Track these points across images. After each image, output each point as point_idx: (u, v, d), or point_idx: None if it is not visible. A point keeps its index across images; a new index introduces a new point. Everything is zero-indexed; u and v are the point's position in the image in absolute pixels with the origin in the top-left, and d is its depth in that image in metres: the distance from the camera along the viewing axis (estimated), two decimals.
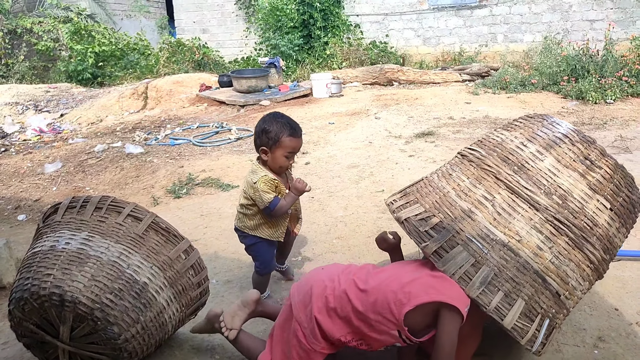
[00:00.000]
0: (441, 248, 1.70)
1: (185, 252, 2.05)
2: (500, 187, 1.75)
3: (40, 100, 8.75)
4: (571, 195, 1.70)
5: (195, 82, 8.72)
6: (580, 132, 1.85)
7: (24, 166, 5.48)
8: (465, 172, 1.86)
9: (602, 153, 1.80)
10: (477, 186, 1.78)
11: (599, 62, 7.30)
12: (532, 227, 1.68)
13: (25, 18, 11.61)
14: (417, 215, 1.81)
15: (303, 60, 10.79)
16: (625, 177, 1.80)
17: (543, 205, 1.69)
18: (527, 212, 1.70)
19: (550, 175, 1.73)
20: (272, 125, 2.29)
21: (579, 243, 1.68)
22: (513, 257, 1.66)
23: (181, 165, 4.99)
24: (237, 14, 12.13)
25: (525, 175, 1.74)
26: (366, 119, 6.41)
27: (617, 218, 1.76)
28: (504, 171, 1.76)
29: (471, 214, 1.72)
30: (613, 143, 5.00)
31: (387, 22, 11.09)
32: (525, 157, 1.78)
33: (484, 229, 1.69)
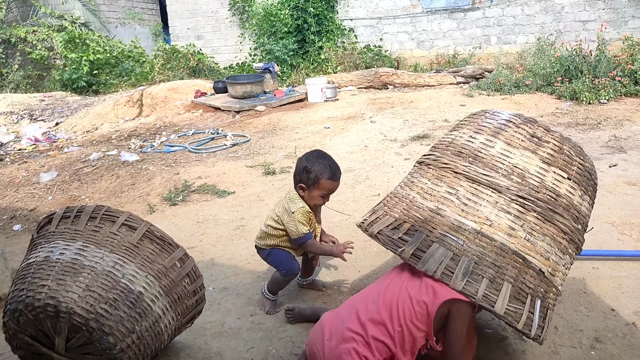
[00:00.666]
0: (418, 249, 1.72)
1: (181, 260, 2.05)
2: (461, 179, 1.80)
3: (35, 109, 8.73)
4: (528, 172, 1.76)
5: (190, 88, 8.73)
6: (522, 115, 1.91)
7: (19, 176, 5.46)
8: (425, 175, 1.92)
9: (546, 129, 1.86)
10: (439, 184, 1.84)
11: (592, 63, 7.34)
12: (500, 209, 1.72)
13: (19, 27, 11.60)
14: (388, 226, 1.85)
15: (298, 65, 10.81)
16: (574, 147, 1.85)
17: (504, 186, 1.74)
18: (491, 197, 1.74)
19: (504, 158, 1.79)
20: (314, 166, 2.33)
21: (548, 215, 1.72)
22: (489, 242, 1.68)
23: (177, 172, 4.99)
24: (232, 20, 12.16)
25: (481, 163, 1.80)
26: (361, 122, 6.42)
27: (577, 186, 1.81)
28: (460, 164, 1.82)
29: (439, 211, 1.76)
30: (607, 143, 5.02)
31: (381, 25, 11.13)
32: (477, 147, 1.84)
33: (454, 221, 1.73)
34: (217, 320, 2.46)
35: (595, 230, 3.12)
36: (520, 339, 2.11)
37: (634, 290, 2.46)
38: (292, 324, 2.36)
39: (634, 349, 2.03)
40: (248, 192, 4.37)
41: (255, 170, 4.88)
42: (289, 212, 2.37)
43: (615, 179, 4.01)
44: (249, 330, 2.36)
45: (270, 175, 4.71)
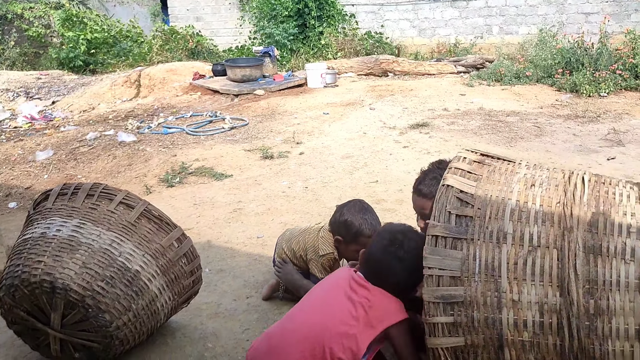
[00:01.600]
0: (444, 239, 1.55)
1: (178, 240, 2.04)
2: (556, 246, 1.51)
3: (31, 87, 8.64)
4: (610, 318, 1.45)
5: (188, 70, 8.64)
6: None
7: (14, 153, 5.42)
8: (545, 197, 1.59)
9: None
10: (538, 224, 1.55)
11: (594, 55, 7.30)
12: (538, 303, 1.51)
13: (15, 3, 11.42)
14: (461, 192, 1.60)
15: (298, 49, 10.72)
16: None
17: (571, 298, 1.48)
18: (550, 288, 1.52)
19: (614, 283, 1.47)
20: (356, 220, 2.24)
21: (567, 357, 1.54)
22: (494, 307, 1.51)
23: (174, 154, 4.96)
24: (232, 2, 12.00)
25: (592, 260, 1.50)
26: (361, 109, 6.39)
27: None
28: (577, 238, 1.49)
29: (503, 240, 1.53)
30: (606, 136, 5.02)
31: (383, 12, 11.02)
32: (611, 246, 1.51)
33: (497, 262, 1.51)
34: (213, 302, 2.46)
35: None
36: None
37: None
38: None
39: None
40: (245, 175, 4.35)
41: (253, 154, 4.86)
42: (317, 252, 2.34)
43: (613, 172, 4.02)
44: (244, 312, 2.37)
45: (268, 159, 4.69)
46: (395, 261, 1.71)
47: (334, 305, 1.71)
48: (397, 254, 1.71)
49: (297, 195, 3.85)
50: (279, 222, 3.37)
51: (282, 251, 2.48)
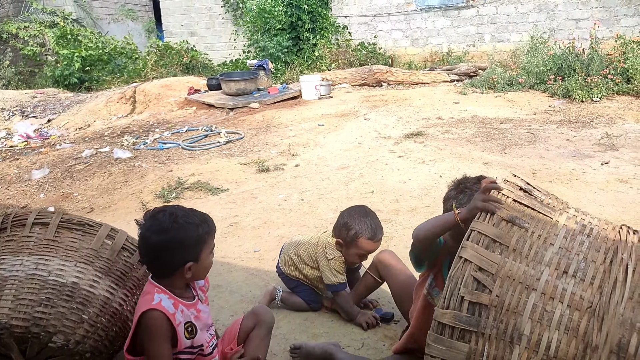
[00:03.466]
0: (452, 329, 1.37)
1: (109, 237, 2.01)
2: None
3: (26, 106, 8.66)
4: None
5: (183, 85, 8.68)
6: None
7: (10, 173, 5.41)
8: (576, 294, 1.36)
9: None
10: (559, 330, 1.34)
11: (585, 61, 7.37)
12: None
13: (10, 23, 11.48)
14: (479, 271, 1.39)
15: (292, 62, 10.78)
16: None
17: None
18: None
19: None
20: (355, 222, 2.26)
21: None
22: None
23: (170, 169, 4.96)
24: (225, 16, 12.10)
25: None
26: (355, 120, 6.41)
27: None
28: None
29: (517, 342, 1.34)
30: (599, 140, 5.05)
31: (375, 23, 11.12)
32: None
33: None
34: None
35: None
36: None
37: None
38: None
39: None
40: (241, 189, 4.36)
41: (249, 167, 4.87)
42: (326, 257, 2.33)
43: (607, 176, 4.04)
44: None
45: (264, 172, 4.70)
46: (154, 238, 1.65)
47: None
48: (155, 229, 1.66)
49: (293, 207, 3.86)
50: (275, 236, 3.37)
51: (288, 258, 2.47)
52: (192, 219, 1.70)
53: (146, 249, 1.69)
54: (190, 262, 1.67)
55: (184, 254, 1.67)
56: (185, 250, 1.67)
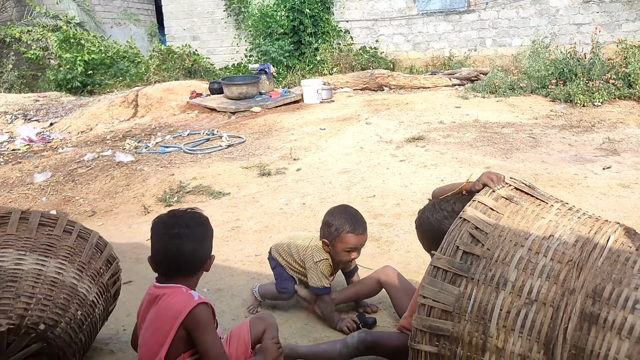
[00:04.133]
0: (445, 272, 1.52)
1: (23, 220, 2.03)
2: (552, 304, 1.46)
3: (29, 110, 8.68)
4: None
5: (185, 89, 8.71)
6: None
7: (13, 176, 5.43)
8: (559, 250, 1.52)
9: None
10: (542, 277, 1.49)
11: (587, 66, 7.37)
12: (523, 357, 1.47)
13: (13, 27, 11.53)
14: (475, 229, 1.56)
15: (294, 66, 10.81)
16: None
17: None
18: (536, 345, 1.47)
19: (601, 357, 1.39)
20: (335, 219, 2.27)
21: None
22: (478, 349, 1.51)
23: (172, 173, 4.97)
24: (227, 21, 12.14)
25: (585, 326, 1.44)
26: (357, 124, 6.42)
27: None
28: (576, 300, 1.43)
29: (502, 287, 1.49)
30: (601, 145, 5.05)
31: (377, 27, 11.15)
32: (611, 315, 1.42)
33: (491, 306, 1.49)
34: None
35: None
36: None
37: None
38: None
39: None
40: (243, 193, 4.36)
41: (251, 171, 4.87)
42: (313, 260, 2.35)
43: (609, 181, 4.03)
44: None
45: (266, 176, 4.70)
46: (183, 239, 1.70)
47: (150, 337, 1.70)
48: (179, 232, 1.70)
49: (294, 211, 3.86)
50: (276, 240, 3.36)
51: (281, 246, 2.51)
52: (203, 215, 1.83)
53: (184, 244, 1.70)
54: (212, 254, 1.79)
55: (211, 245, 1.80)
56: (211, 241, 1.81)
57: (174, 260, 1.72)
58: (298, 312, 2.49)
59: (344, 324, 2.29)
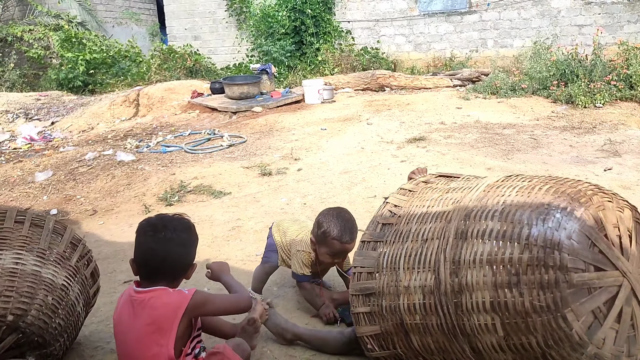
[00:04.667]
0: (368, 243, 1.87)
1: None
2: (438, 237, 1.76)
3: (30, 109, 8.69)
4: (470, 292, 1.62)
5: (187, 89, 8.71)
6: (552, 246, 1.53)
7: (14, 175, 5.43)
8: (447, 201, 1.81)
9: (543, 284, 1.49)
10: (432, 221, 1.78)
11: (588, 67, 7.37)
12: (422, 287, 1.78)
13: (15, 26, 11.54)
14: (393, 206, 1.92)
15: (295, 66, 10.82)
16: (547, 326, 1.55)
17: (440, 279, 1.68)
18: (428, 272, 1.74)
19: (471, 261, 1.66)
20: (326, 221, 2.27)
21: (448, 335, 1.74)
22: (394, 294, 1.78)
23: (173, 172, 4.98)
24: (229, 21, 12.15)
25: (460, 243, 1.73)
26: (358, 124, 6.42)
27: (512, 353, 1.61)
28: (453, 227, 1.75)
29: (406, 239, 1.80)
30: (602, 147, 5.05)
31: (378, 28, 11.15)
32: (477, 228, 1.70)
33: (398, 256, 1.77)
34: None
35: None
36: None
37: None
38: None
39: None
40: (244, 192, 4.37)
41: (252, 171, 4.88)
42: (297, 248, 2.40)
43: (610, 182, 4.03)
44: None
45: (267, 176, 4.71)
46: (170, 244, 1.74)
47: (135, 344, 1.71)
48: (166, 236, 1.73)
49: (295, 211, 3.86)
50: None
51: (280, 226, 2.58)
52: (190, 221, 1.86)
53: (171, 248, 1.73)
54: (195, 262, 1.81)
55: (194, 252, 1.82)
56: (195, 249, 1.83)
57: (159, 264, 1.73)
58: (299, 312, 2.49)
59: (325, 311, 2.31)
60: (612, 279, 1.46)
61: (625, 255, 1.52)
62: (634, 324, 1.51)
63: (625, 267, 1.49)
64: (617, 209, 1.56)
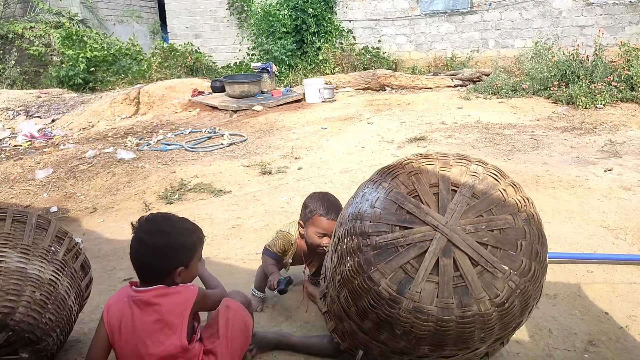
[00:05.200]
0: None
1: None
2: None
3: (31, 106, 8.69)
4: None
5: (187, 87, 8.71)
6: (356, 216, 1.69)
7: (14, 172, 5.43)
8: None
9: (352, 250, 1.67)
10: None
11: (589, 68, 7.37)
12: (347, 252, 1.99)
13: (16, 23, 11.54)
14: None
15: (296, 65, 10.81)
16: (362, 287, 1.68)
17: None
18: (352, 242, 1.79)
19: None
20: (312, 202, 2.33)
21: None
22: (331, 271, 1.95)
23: (173, 170, 4.97)
24: (230, 19, 12.14)
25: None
26: (359, 124, 6.42)
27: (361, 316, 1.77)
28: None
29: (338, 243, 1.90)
30: (603, 147, 5.04)
31: (380, 27, 11.15)
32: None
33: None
34: None
35: (590, 234, 3.14)
36: (514, 341, 2.12)
37: (627, 294, 2.47)
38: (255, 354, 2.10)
39: (627, 353, 2.04)
40: (244, 191, 4.36)
41: (252, 169, 4.87)
42: (280, 229, 2.49)
43: (610, 183, 4.03)
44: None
45: (267, 175, 4.70)
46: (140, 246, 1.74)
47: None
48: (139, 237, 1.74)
49: (295, 210, 3.85)
50: None
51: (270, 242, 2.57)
52: (187, 226, 1.82)
53: (144, 251, 1.74)
54: (182, 267, 1.76)
55: (178, 258, 1.76)
56: (179, 254, 1.77)
57: (140, 265, 1.77)
58: (300, 311, 2.49)
59: (272, 279, 2.33)
60: (420, 234, 1.53)
61: (441, 210, 1.59)
62: (462, 275, 1.51)
63: (437, 221, 1.55)
64: (442, 168, 1.67)
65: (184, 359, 1.73)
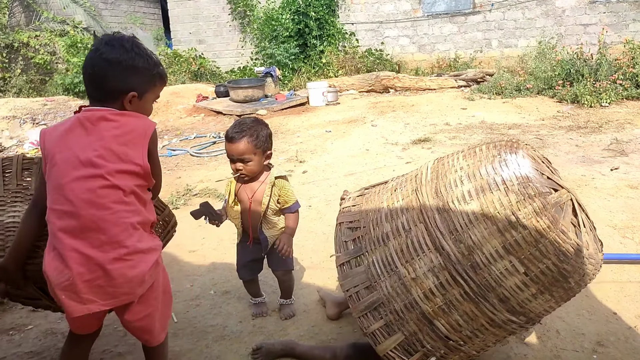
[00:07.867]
0: (348, 263, 1.81)
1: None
2: (419, 221, 1.72)
3: (37, 114, 8.75)
4: (480, 249, 1.61)
5: (192, 92, 8.75)
6: (525, 181, 1.61)
7: None
8: (404, 193, 1.84)
9: (537, 212, 1.57)
10: (404, 213, 1.78)
11: (593, 66, 7.35)
12: (430, 269, 1.66)
13: (22, 32, 11.65)
14: (349, 223, 1.93)
15: (299, 69, 10.84)
16: (554, 244, 1.58)
17: (447, 251, 1.64)
18: (431, 254, 1.67)
19: (467, 222, 1.63)
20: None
21: (475, 298, 1.63)
22: (404, 292, 1.69)
23: (179, 176, 4.99)
24: (233, 24, 12.20)
25: (446, 215, 1.67)
26: (363, 126, 6.42)
27: (534, 284, 1.62)
28: (430, 206, 1.72)
29: (386, 239, 1.77)
30: (609, 146, 5.02)
31: (382, 29, 11.16)
32: (453, 197, 1.68)
33: (389, 257, 1.74)
34: (219, 324, 2.46)
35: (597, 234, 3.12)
36: (522, 343, 2.11)
37: (635, 293, 2.45)
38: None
39: (636, 353, 2.03)
40: None
41: None
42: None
43: (617, 182, 4.01)
44: (250, 334, 2.36)
45: None
46: (123, 53, 1.61)
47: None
48: (123, 45, 1.63)
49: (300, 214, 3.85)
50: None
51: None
52: (153, 58, 1.70)
53: (98, 61, 1.61)
54: (134, 93, 1.63)
55: (132, 81, 1.62)
56: (134, 76, 1.63)
57: (91, 72, 1.63)
58: (306, 315, 2.49)
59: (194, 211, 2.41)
60: (566, 195, 1.64)
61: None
62: (589, 228, 1.73)
63: (566, 185, 1.69)
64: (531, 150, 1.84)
65: (139, 188, 1.61)
